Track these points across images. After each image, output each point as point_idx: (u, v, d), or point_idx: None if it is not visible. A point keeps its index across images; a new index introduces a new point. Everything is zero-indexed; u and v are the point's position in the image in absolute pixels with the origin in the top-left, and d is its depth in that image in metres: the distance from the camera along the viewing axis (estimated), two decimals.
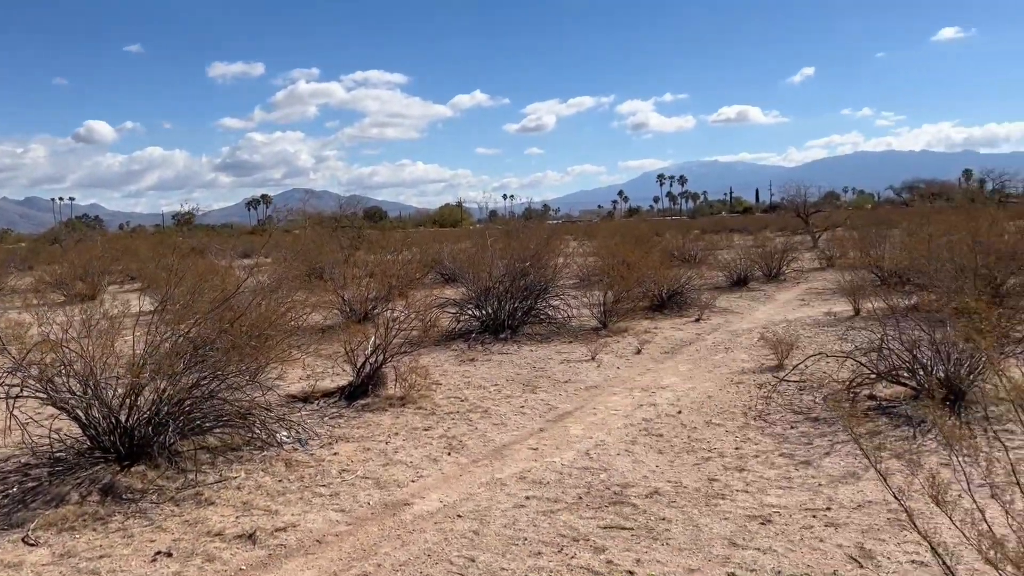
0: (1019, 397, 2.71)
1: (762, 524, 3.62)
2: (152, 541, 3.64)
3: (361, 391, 6.42)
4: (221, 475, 4.51)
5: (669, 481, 4.27)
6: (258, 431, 4.98)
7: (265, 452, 4.88)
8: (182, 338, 4.88)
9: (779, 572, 3.14)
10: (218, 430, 4.96)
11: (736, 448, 4.81)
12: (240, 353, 5.00)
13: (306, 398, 6.39)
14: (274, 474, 4.54)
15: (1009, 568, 2.15)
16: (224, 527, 3.77)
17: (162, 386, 4.65)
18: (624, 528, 3.63)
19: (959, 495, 2.47)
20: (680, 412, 5.75)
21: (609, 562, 3.27)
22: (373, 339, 6.70)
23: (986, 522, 2.19)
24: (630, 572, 3.18)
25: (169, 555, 3.47)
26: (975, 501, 2.34)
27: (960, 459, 2.34)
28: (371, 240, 18.90)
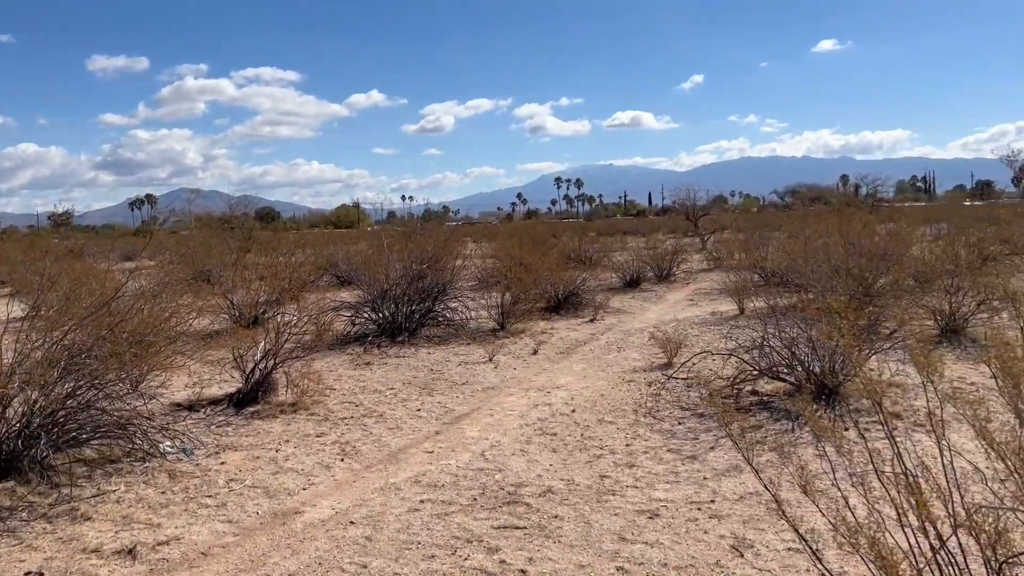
0: (873, 392, 2.87)
1: (650, 518, 3.73)
2: (22, 561, 3.45)
3: (250, 398, 6.25)
4: (99, 489, 4.31)
5: (562, 479, 4.35)
6: (139, 442, 4.78)
7: (147, 463, 4.69)
8: (56, 345, 4.64)
9: (665, 564, 3.24)
10: (96, 442, 4.73)
11: (627, 445, 4.93)
12: (120, 360, 4.80)
13: (192, 406, 6.18)
14: (156, 486, 4.37)
15: (865, 549, 2.28)
16: (102, 543, 3.60)
17: (33, 397, 4.40)
18: (517, 527, 3.67)
19: (831, 484, 2.61)
20: (574, 411, 5.85)
21: (502, 562, 3.30)
22: (263, 344, 6.53)
23: (849, 508, 2.32)
24: (522, 571, 3.22)
25: (41, 575, 3.30)
26: (840, 490, 2.47)
27: (828, 450, 2.48)
28: (262, 242, 18.45)
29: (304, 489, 4.34)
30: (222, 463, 4.83)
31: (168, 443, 4.99)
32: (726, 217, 31.20)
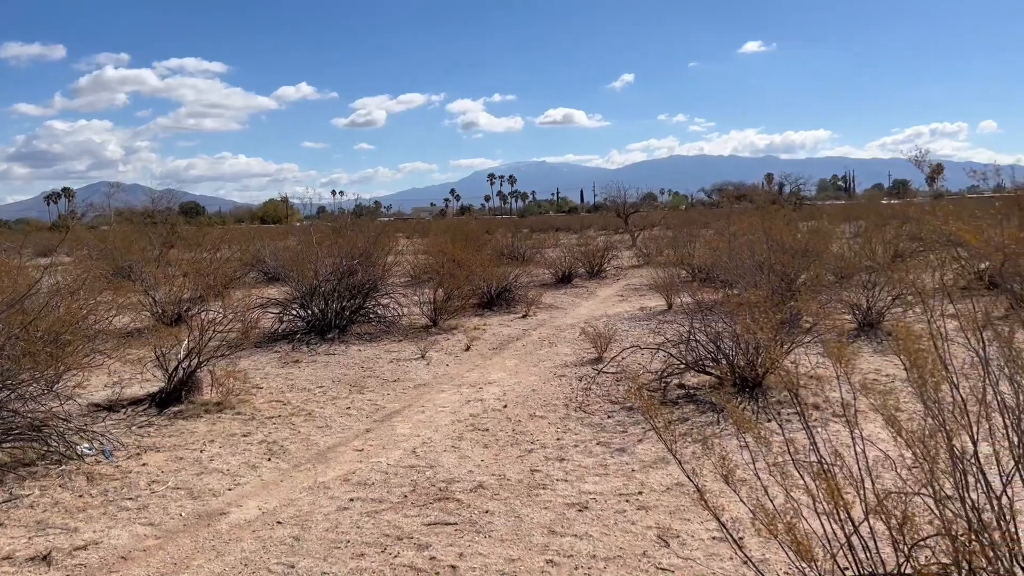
0: (790, 384, 2.95)
1: (579, 511, 3.78)
2: None
3: (174, 397, 6.09)
4: (11, 493, 4.14)
5: (493, 474, 4.36)
6: (55, 443, 4.62)
7: (64, 466, 4.53)
8: None
9: (594, 556, 3.29)
10: (8, 445, 4.55)
11: (557, 439, 4.98)
12: (34, 360, 4.61)
13: (111, 407, 6.00)
14: (74, 489, 4.22)
15: (782, 535, 2.36)
16: (14, 550, 3.47)
17: None
18: (448, 524, 3.67)
19: (752, 474, 2.68)
20: (506, 406, 5.88)
21: (432, 558, 3.30)
22: (187, 342, 6.38)
23: (768, 497, 2.39)
24: (452, 567, 3.22)
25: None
26: (759, 479, 2.54)
27: (749, 441, 2.55)
28: (186, 237, 17.97)
29: (229, 490, 4.26)
30: (143, 464, 4.70)
31: (86, 445, 4.83)
32: (655, 214, 31.74)
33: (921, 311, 2.70)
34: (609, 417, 5.42)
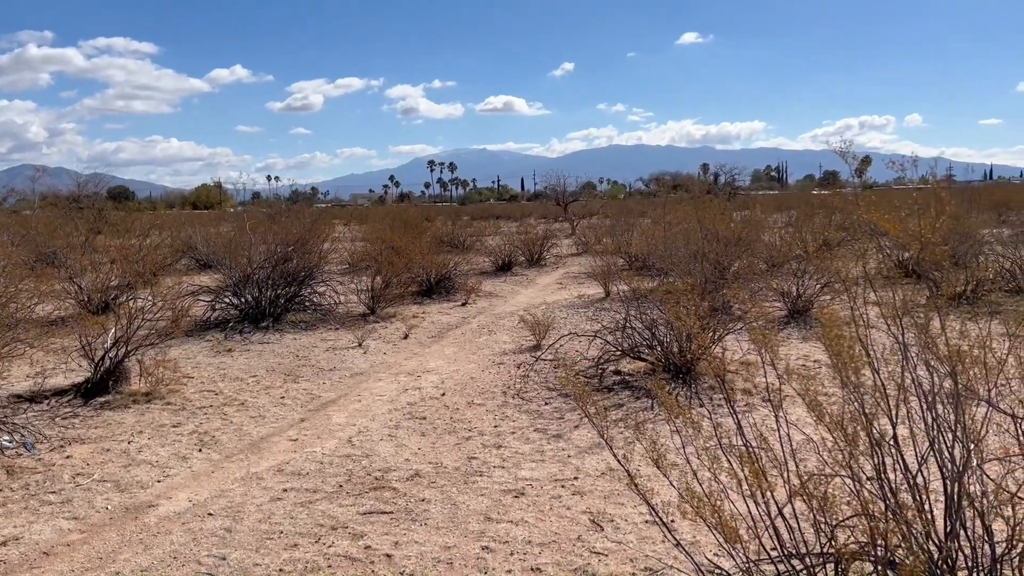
0: (717, 370, 3.02)
1: (515, 497, 3.81)
2: None
3: (100, 388, 5.93)
4: None
5: (430, 463, 4.36)
6: None
7: None
8: None
9: (529, 541, 3.32)
10: None
11: (495, 426, 5.00)
12: None
13: (34, 397, 5.81)
14: None
15: (709, 517, 2.42)
16: None
17: None
18: (384, 512, 3.66)
19: (683, 459, 2.74)
20: (444, 394, 5.88)
21: (367, 547, 3.29)
22: (113, 331, 6.21)
23: (697, 480, 2.44)
24: (388, 556, 3.22)
25: None
26: (689, 463, 2.60)
27: (679, 426, 2.60)
28: (114, 223, 17.46)
29: (159, 482, 4.17)
30: (68, 457, 4.57)
31: (6, 437, 4.68)
32: (594, 203, 31.92)
33: (847, 299, 2.79)
34: (546, 404, 5.46)
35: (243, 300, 9.38)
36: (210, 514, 3.69)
